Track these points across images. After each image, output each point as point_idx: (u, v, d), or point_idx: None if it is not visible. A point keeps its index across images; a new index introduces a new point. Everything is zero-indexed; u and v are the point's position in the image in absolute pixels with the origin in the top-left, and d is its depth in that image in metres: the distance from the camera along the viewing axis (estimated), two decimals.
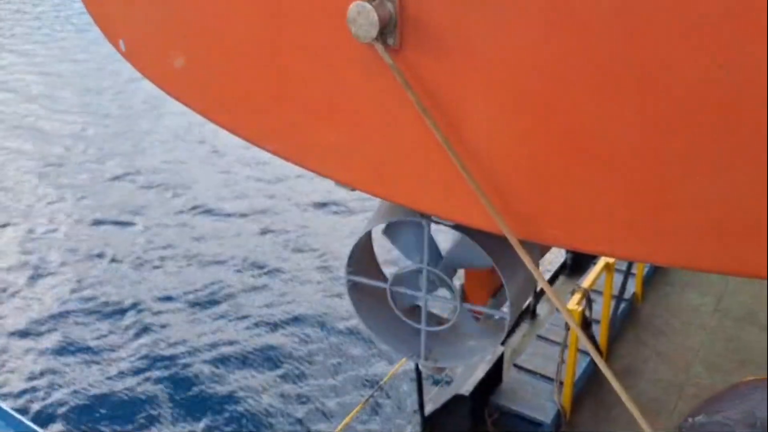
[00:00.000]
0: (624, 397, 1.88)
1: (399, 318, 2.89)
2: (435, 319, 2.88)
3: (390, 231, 2.85)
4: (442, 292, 2.81)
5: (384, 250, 3.10)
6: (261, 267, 12.27)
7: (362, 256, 2.90)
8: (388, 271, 2.94)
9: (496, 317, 2.79)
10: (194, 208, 14.26)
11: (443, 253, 2.80)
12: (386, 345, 3.03)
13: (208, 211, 14.14)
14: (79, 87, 20.64)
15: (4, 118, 18.79)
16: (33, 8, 29.51)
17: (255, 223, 13.68)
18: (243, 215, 13.95)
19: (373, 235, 2.91)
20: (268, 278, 12.00)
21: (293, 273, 12.17)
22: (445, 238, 2.76)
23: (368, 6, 1.81)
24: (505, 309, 2.71)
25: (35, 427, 5.61)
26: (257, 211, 14.07)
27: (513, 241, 1.87)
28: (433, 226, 2.59)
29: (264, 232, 13.40)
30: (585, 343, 2.13)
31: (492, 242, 2.47)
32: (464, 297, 2.89)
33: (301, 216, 13.92)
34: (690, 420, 4.10)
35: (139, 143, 17.12)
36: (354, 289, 2.95)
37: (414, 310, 2.93)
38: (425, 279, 2.73)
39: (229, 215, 14.00)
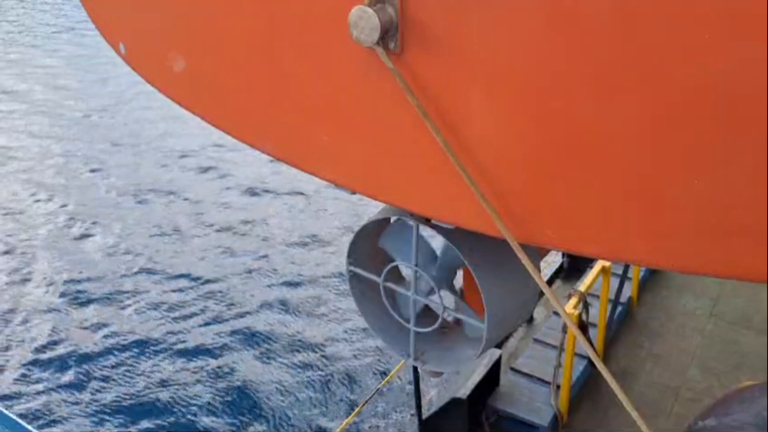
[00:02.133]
0: (622, 398, 1.89)
1: (394, 315, 2.89)
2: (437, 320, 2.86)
3: (388, 233, 2.85)
4: (445, 294, 2.80)
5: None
6: None
7: (364, 248, 2.90)
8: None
9: (474, 325, 2.69)
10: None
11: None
12: (381, 340, 3.03)
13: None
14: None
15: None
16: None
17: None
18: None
19: None
20: None
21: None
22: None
23: (370, 10, 1.82)
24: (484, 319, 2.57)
25: (32, 429, 5.60)
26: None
27: (513, 244, 1.88)
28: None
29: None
30: (583, 345, 2.13)
31: (471, 245, 2.47)
32: (464, 300, 2.89)
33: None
34: (700, 423, 4.09)
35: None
36: (355, 280, 2.94)
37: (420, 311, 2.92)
38: (414, 279, 2.73)
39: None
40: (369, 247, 2.89)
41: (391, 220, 2.77)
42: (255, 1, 2.21)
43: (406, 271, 2.88)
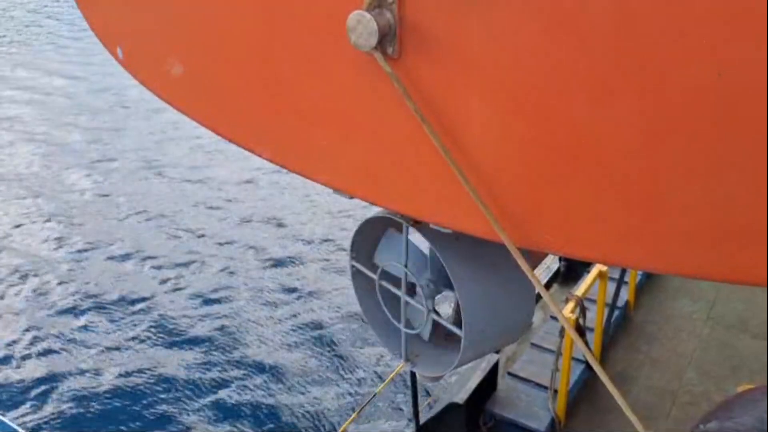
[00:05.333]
0: (620, 401, 1.88)
1: (392, 314, 2.89)
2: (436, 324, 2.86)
3: (385, 234, 2.85)
4: (446, 296, 2.79)
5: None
6: None
7: (366, 244, 2.89)
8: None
9: (455, 333, 2.62)
10: None
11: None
12: (378, 338, 3.02)
13: None
14: None
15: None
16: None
17: None
18: None
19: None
20: None
21: None
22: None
23: (368, 15, 1.82)
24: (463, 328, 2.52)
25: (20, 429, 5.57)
26: None
27: (511, 248, 1.88)
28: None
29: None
30: (581, 348, 2.12)
31: (458, 251, 2.46)
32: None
33: None
34: (702, 427, 4.10)
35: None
36: (358, 275, 2.94)
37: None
38: (404, 280, 2.73)
39: None
40: (370, 243, 2.89)
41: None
42: (253, 5, 2.21)
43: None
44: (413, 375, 6.67)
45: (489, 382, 7.03)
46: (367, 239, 2.88)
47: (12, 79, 22.85)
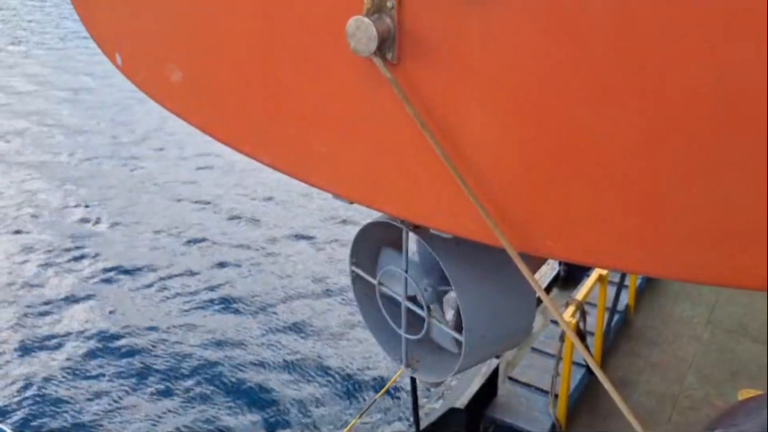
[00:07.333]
0: (621, 405, 1.88)
1: (392, 319, 2.88)
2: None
3: (388, 244, 2.85)
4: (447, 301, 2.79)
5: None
6: None
7: (367, 249, 2.89)
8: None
9: (455, 338, 2.63)
10: None
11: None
12: (379, 344, 3.02)
13: None
14: None
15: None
16: None
17: None
18: None
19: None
20: None
21: None
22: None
23: (367, 20, 1.83)
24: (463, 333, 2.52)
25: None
26: None
27: (512, 253, 1.88)
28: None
29: None
30: (582, 353, 2.12)
31: (457, 256, 2.46)
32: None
33: None
34: None
35: None
36: (358, 281, 2.93)
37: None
38: (405, 285, 2.73)
39: None
40: (371, 248, 2.88)
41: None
42: (253, 11, 2.21)
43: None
44: (413, 380, 6.66)
45: (489, 387, 7.02)
46: (368, 245, 2.87)
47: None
